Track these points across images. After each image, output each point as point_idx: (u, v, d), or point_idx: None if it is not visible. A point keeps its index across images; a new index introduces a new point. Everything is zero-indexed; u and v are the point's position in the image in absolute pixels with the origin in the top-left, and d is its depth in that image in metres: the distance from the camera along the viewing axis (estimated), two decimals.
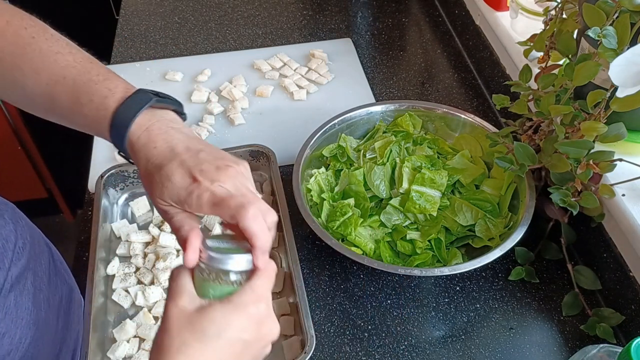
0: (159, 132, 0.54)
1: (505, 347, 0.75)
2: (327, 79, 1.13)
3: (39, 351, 0.63)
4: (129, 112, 0.54)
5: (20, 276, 0.62)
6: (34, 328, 0.62)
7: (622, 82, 0.63)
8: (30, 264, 0.64)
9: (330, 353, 0.75)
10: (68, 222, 2.19)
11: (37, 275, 0.65)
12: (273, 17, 1.31)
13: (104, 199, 0.87)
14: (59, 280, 0.72)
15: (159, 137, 0.53)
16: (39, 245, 0.69)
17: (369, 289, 0.82)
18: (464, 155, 0.90)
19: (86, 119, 0.56)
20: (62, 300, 0.72)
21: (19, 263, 0.62)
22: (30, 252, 0.65)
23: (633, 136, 0.77)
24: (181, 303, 0.48)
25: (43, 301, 0.65)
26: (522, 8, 0.98)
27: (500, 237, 0.80)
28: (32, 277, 0.64)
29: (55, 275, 0.71)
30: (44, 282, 0.67)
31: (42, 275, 0.67)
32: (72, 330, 0.74)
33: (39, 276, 0.66)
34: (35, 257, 0.66)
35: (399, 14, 1.31)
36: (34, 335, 0.62)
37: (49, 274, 0.69)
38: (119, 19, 1.30)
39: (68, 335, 0.73)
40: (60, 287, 0.72)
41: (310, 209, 0.82)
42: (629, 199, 0.73)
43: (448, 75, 1.16)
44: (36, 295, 0.64)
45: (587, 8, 0.67)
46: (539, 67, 0.87)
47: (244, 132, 1.03)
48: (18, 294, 0.61)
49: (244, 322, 0.48)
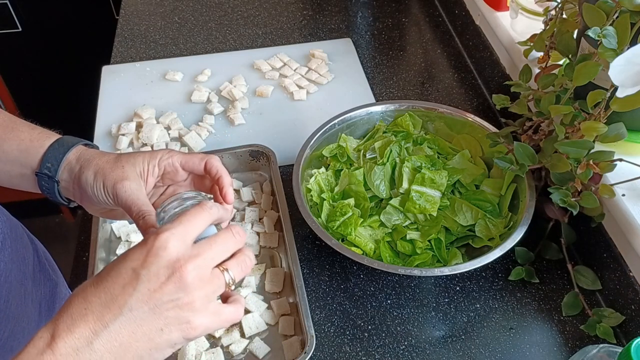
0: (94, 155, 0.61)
1: (505, 347, 0.75)
2: (327, 79, 1.13)
3: (19, 344, 0.62)
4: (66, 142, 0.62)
5: (3, 270, 0.62)
6: (13, 321, 0.62)
7: (622, 82, 0.63)
8: (13, 258, 0.64)
9: (330, 353, 0.75)
10: (68, 222, 2.19)
11: (19, 269, 0.66)
12: (273, 17, 1.31)
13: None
14: (43, 276, 0.72)
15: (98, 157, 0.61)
16: (22, 240, 0.69)
17: (369, 289, 0.82)
18: (464, 155, 0.90)
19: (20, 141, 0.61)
20: (46, 295, 0.72)
21: (0, 256, 0.62)
22: (12, 246, 0.65)
23: (633, 136, 0.77)
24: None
25: (24, 295, 0.65)
26: (522, 8, 0.98)
27: (500, 237, 0.80)
28: (15, 271, 0.64)
29: (40, 271, 0.72)
30: (27, 277, 0.67)
31: (24, 270, 0.67)
32: None
33: (21, 271, 0.66)
34: (17, 251, 0.66)
35: (399, 14, 1.31)
36: (13, 329, 0.62)
37: (32, 269, 0.69)
38: (119, 19, 1.30)
39: None
40: (44, 282, 0.72)
41: (310, 209, 0.82)
42: (629, 199, 0.73)
43: (448, 75, 1.16)
44: (18, 289, 0.64)
45: (587, 8, 0.68)
46: (539, 67, 0.87)
47: (244, 132, 1.03)
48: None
49: (141, 254, 0.45)
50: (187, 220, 0.47)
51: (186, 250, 0.46)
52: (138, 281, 0.44)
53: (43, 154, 0.61)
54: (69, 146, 0.61)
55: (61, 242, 1.77)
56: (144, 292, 0.44)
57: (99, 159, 0.61)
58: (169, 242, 0.45)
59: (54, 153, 0.61)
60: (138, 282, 0.44)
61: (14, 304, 0.63)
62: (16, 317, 0.63)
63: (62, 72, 1.89)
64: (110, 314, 0.43)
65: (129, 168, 0.60)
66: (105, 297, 0.44)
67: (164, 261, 0.44)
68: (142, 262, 0.44)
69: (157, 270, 0.44)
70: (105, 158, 0.61)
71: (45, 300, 0.72)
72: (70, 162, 0.61)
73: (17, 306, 0.64)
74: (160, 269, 0.44)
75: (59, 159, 0.60)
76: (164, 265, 0.44)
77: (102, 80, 1.14)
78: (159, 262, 0.44)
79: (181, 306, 0.45)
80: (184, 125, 1.03)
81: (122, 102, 1.09)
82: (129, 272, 0.44)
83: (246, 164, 0.95)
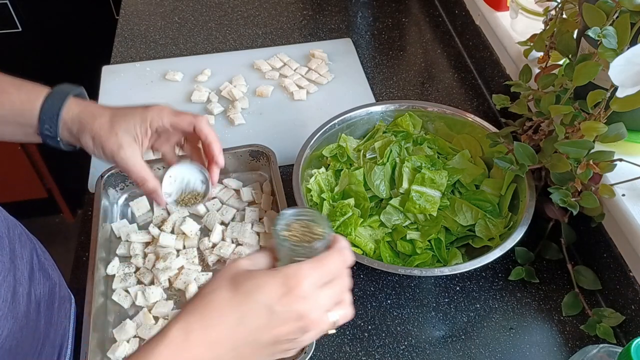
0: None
1: (505, 347, 0.75)
2: (327, 79, 1.13)
3: (18, 344, 0.64)
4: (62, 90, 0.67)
5: (1, 269, 0.63)
6: (12, 320, 0.63)
7: (622, 82, 0.63)
8: (11, 257, 0.66)
9: (330, 353, 0.75)
10: (68, 222, 2.19)
11: (17, 268, 0.66)
12: (273, 17, 1.31)
13: (103, 199, 0.87)
14: (42, 275, 0.73)
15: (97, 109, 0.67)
16: (20, 239, 0.70)
17: (369, 289, 0.82)
18: (464, 155, 0.90)
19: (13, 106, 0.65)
20: (45, 295, 0.72)
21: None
22: (10, 245, 0.66)
23: (633, 136, 0.77)
24: (241, 261, 0.50)
25: (22, 295, 0.66)
26: (522, 8, 0.98)
27: (500, 237, 0.80)
28: (14, 270, 0.65)
29: (39, 270, 0.72)
30: (25, 276, 0.68)
31: (22, 269, 0.68)
32: (56, 326, 0.74)
33: (19, 270, 0.67)
34: (14, 251, 0.67)
35: (399, 14, 1.31)
36: (12, 328, 0.63)
37: (31, 268, 0.70)
38: (119, 19, 1.30)
39: (52, 331, 0.73)
40: (42, 282, 0.72)
41: None
42: (629, 199, 0.73)
43: (448, 75, 1.16)
44: (16, 288, 0.65)
45: (587, 8, 0.67)
46: (539, 67, 0.87)
47: (244, 132, 1.03)
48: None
49: (278, 291, 0.48)
50: (325, 267, 0.50)
51: (317, 299, 0.49)
52: (271, 318, 0.48)
53: (38, 116, 0.65)
54: (59, 105, 0.65)
55: (61, 242, 1.77)
56: (271, 329, 0.48)
57: (93, 123, 0.66)
58: (307, 290, 0.48)
59: (47, 115, 0.65)
60: (271, 319, 0.48)
61: (13, 303, 0.63)
62: (14, 316, 0.63)
63: (62, 72, 1.89)
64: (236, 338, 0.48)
65: (123, 135, 0.67)
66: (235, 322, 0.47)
67: (298, 307, 0.48)
68: (278, 300, 0.47)
69: (290, 313, 0.48)
70: (99, 122, 0.66)
71: (45, 299, 0.72)
72: (66, 123, 0.66)
73: (16, 305, 0.64)
74: (293, 312, 0.48)
75: (54, 120, 0.65)
76: (296, 310, 0.48)
77: (102, 80, 1.14)
78: (293, 307, 0.48)
79: (295, 341, 0.50)
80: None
81: (122, 102, 1.06)
82: (263, 308, 0.47)
83: (246, 164, 0.95)
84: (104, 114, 0.67)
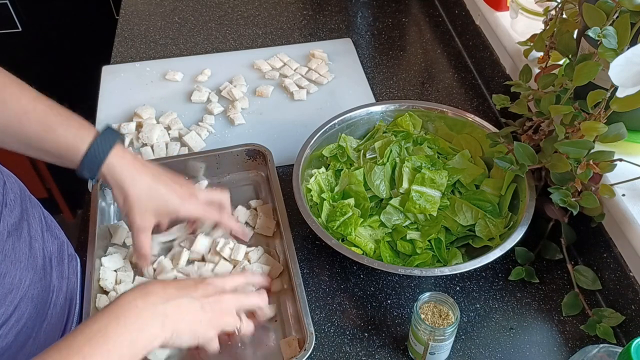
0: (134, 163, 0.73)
1: (505, 347, 0.75)
2: (327, 79, 1.13)
3: (38, 293, 0.70)
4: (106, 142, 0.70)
5: (17, 225, 0.68)
6: (32, 271, 0.69)
7: (622, 82, 0.63)
8: (24, 216, 0.71)
9: (330, 353, 0.75)
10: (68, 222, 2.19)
11: (31, 226, 0.72)
12: (273, 17, 1.31)
13: (101, 200, 0.87)
14: (50, 235, 0.78)
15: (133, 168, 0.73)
16: (31, 201, 0.75)
17: (369, 289, 0.82)
18: (464, 155, 0.90)
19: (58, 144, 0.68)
20: (55, 252, 0.77)
21: (12, 214, 0.68)
22: (22, 205, 0.71)
23: (633, 136, 0.77)
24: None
25: (38, 250, 0.72)
26: (522, 8, 0.98)
27: (500, 237, 0.80)
28: (27, 227, 0.71)
29: (47, 230, 0.77)
30: (38, 232, 0.73)
31: (36, 227, 0.73)
32: (67, 280, 0.79)
33: (33, 227, 0.72)
34: (27, 210, 0.72)
35: (399, 14, 1.31)
36: (32, 278, 0.68)
37: (41, 228, 0.75)
38: (119, 19, 1.30)
39: (64, 284, 0.78)
40: (51, 240, 0.77)
41: (310, 209, 0.82)
42: (629, 199, 0.73)
43: (448, 75, 1.16)
44: (32, 243, 0.71)
45: (587, 8, 0.67)
46: (539, 67, 0.87)
47: (244, 132, 1.03)
48: (16, 239, 0.67)
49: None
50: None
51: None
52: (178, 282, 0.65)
53: (80, 161, 0.68)
54: (102, 157, 0.69)
55: None
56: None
57: (129, 189, 0.71)
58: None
59: (89, 163, 0.69)
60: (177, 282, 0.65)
61: (31, 256, 0.69)
62: (34, 268, 0.69)
63: (62, 72, 1.89)
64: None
65: (150, 217, 0.74)
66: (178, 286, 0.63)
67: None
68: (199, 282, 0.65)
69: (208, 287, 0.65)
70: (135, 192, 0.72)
71: (55, 255, 0.77)
72: (104, 176, 0.71)
73: (34, 258, 0.70)
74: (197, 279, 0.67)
75: (95, 169, 0.70)
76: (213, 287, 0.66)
77: (102, 80, 1.14)
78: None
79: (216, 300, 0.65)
80: (184, 125, 1.03)
81: (122, 102, 1.09)
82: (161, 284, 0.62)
83: (243, 163, 0.94)
84: (143, 179, 0.72)
